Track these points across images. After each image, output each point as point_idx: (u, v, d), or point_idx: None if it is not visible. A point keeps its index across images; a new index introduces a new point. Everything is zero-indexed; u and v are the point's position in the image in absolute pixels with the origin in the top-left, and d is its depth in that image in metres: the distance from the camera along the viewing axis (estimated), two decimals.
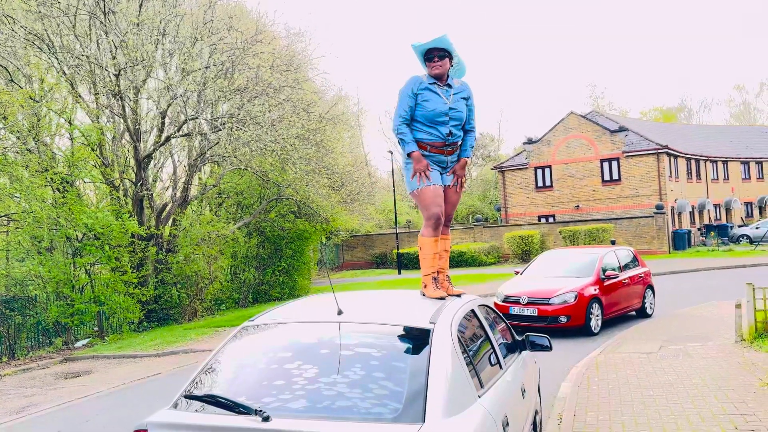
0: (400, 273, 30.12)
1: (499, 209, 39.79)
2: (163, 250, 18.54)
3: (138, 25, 16.00)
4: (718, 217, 39.30)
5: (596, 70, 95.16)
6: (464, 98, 4.58)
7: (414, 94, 4.45)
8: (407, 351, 3.12)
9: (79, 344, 16.04)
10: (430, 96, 4.44)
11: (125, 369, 11.83)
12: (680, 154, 34.81)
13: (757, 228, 34.04)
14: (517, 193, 37.40)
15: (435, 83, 4.50)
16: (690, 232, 33.16)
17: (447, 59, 4.48)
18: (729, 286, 16.34)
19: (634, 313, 13.16)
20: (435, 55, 4.46)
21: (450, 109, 4.45)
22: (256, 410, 2.72)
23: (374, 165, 56.65)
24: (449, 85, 4.54)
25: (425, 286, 4.32)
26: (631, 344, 10.04)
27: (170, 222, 19.20)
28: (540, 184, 36.64)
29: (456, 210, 4.74)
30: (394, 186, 34.46)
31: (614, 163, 34.15)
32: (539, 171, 36.64)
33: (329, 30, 72.30)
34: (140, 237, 17.47)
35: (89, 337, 16.80)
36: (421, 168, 4.41)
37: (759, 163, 42.15)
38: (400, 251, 32.34)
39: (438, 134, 4.47)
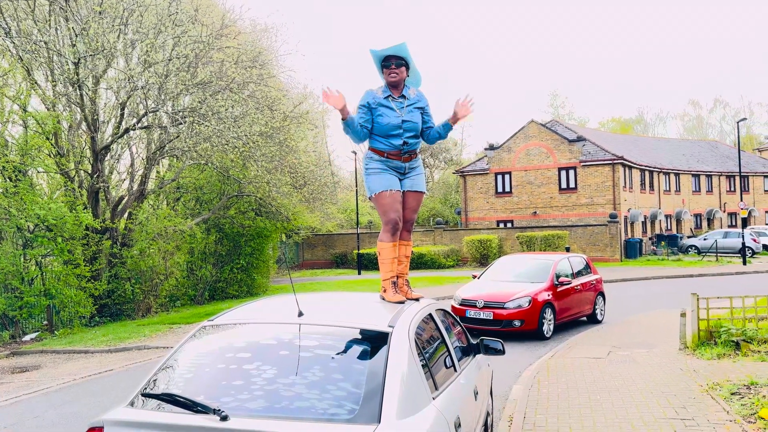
0: (360, 273, 30.18)
1: (459, 213, 40.26)
2: (118, 244, 18.17)
3: (100, 13, 15.64)
4: (669, 228, 40.63)
5: (558, 78, 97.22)
6: (419, 108, 4.70)
7: (367, 108, 4.58)
8: (365, 353, 3.18)
9: (27, 338, 15.60)
10: (384, 111, 4.57)
11: (75, 365, 11.57)
12: (635, 165, 35.86)
13: (704, 239, 35.35)
14: (477, 197, 37.91)
15: (389, 96, 4.61)
16: (642, 241, 34.23)
17: (404, 68, 4.61)
18: (676, 295, 16.97)
19: (585, 318, 13.54)
20: (392, 62, 4.57)
21: (403, 121, 4.59)
22: (214, 409, 2.74)
23: (338, 164, 56.63)
24: (404, 96, 4.65)
25: (385, 290, 4.41)
26: (582, 349, 10.35)
27: (126, 215, 18.81)
28: (500, 189, 37.23)
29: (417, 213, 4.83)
30: (356, 186, 34.48)
31: (571, 172, 34.97)
32: (499, 177, 37.23)
33: (296, 27, 71.84)
34: (94, 230, 17.08)
35: (38, 331, 16.35)
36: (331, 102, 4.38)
37: (709, 176, 43.73)
38: (361, 251, 32.42)
39: (392, 145, 4.61)
